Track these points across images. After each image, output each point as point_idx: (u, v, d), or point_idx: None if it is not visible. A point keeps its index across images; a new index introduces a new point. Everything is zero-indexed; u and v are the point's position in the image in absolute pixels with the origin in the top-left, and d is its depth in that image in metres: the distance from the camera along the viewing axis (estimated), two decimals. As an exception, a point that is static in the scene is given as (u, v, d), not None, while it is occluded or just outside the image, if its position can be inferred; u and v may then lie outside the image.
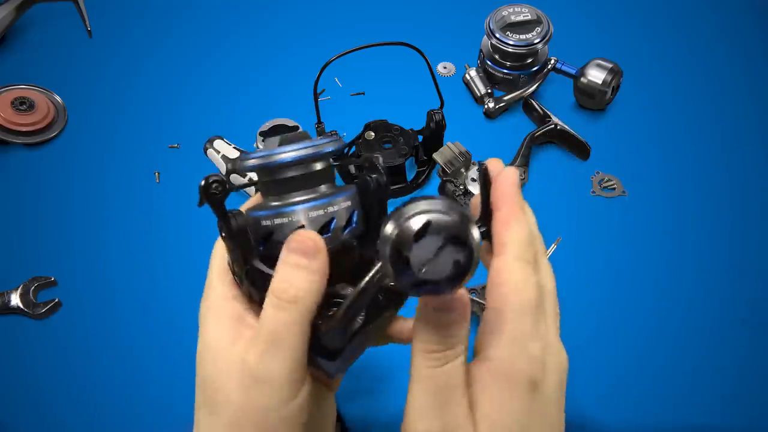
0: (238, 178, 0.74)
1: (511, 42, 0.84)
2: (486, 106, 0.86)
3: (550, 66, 0.87)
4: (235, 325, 0.36)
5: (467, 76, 0.90)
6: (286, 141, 0.37)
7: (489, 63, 0.88)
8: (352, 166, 0.79)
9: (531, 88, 0.86)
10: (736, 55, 0.94)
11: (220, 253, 0.39)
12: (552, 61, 0.87)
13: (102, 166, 0.82)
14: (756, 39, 0.96)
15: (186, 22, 0.98)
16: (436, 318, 0.31)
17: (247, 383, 0.34)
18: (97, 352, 0.68)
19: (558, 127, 0.82)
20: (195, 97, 0.89)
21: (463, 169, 0.76)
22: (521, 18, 0.85)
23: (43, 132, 0.84)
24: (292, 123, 0.83)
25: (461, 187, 0.75)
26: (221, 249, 0.39)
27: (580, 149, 0.82)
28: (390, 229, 0.29)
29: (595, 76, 0.83)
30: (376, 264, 0.32)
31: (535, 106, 0.85)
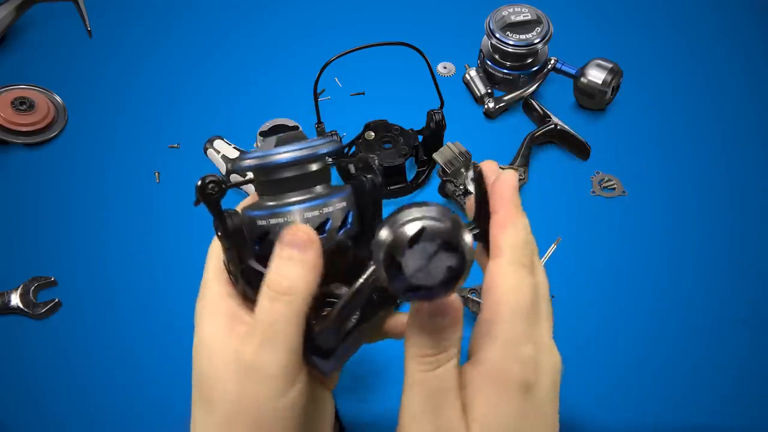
0: (237, 177, 0.74)
1: (511, 42, 0.84)
2: (486, 106, 0.86)
3: (550, 66, 0.87)
4: (230, 322, 0.36)
5: (467, 76, 0.90)
6: (282, 142, 0.38)
7: (489, 63, 0.88)
8: (352, 166, 0.79)
9: (531, 88, 0.86)
10: (736, 55, 0.94)
11: (216, 253, 0.39)
12: (552, 61, 0.87)
13: (102, 166, 0.83)
14: (756, 39, 0.96)
15: (186, 22, 0.98)
16: (428, 322, 0.32)
17: (242, 375, 0.34)
18: (97, 352, 0.68)
19: (558, 127, 0.82)
20: (195, 97, 0.89)
21: (463, 169, 0.76)
22: (521, 18, 0.85)
23: (43, 132, 0.84)
24: (292, 123, 0.83)
25: (461, 187, 0.75)
26: (217, 248, 0.39)
27: (580, 149, 0.82)
28: (384, 234, 0.29)
29: (595, 76, 0.83)
30: (370, 267, 0.32)
31: (535, 106, 0.85)
